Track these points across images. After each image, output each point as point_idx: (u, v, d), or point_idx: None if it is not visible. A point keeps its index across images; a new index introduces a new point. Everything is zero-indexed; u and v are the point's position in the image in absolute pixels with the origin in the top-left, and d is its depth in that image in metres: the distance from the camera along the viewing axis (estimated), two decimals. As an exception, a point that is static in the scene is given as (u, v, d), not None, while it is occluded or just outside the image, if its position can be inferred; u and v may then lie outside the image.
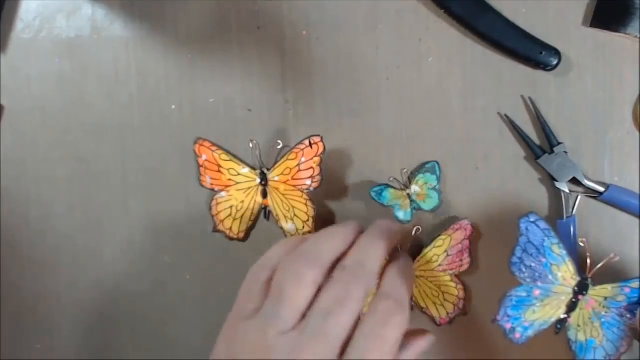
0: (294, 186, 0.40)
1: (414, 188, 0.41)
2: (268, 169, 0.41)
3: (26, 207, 0.43)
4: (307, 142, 0.39)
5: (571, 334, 0.36)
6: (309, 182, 0.40)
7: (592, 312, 0.36)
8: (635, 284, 0.34)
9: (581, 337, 0.36)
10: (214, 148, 0.41)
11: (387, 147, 0.42)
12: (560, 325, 0.37)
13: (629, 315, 0.34)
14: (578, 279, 0.36)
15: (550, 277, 0.36)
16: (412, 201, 0.41)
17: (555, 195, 0.41)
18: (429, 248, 0.41)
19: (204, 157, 0.41)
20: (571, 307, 0.36)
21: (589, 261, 0.36)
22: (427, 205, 0.41)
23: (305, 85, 0.42)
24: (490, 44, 0.41)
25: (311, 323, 0.29)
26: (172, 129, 0.43)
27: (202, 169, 0.41)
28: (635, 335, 0.34)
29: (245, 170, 0.41)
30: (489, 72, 0.42)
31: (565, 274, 0.36)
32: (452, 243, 0.40)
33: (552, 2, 0.41)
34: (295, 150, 0.40)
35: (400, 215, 0.41)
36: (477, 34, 0.41)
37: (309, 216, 0.41)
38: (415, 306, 0.41)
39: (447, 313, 0.41)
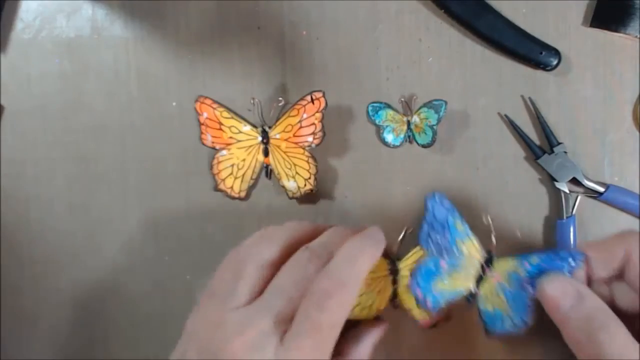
0: (296, 143, 0.41)
1: (415, 118, 0.41)
2: (269, 127, 0.41)
3: (26, 207, 0.43)
4: (308, 98, 0.40)
5: (481, 305, 0.38)
6: (310, 138, 0.40)
7: (497, 285, 0.37)
8: (534, 259, 0.35)
9: (489, 307, 0.37)
10: (215, 105, 0.41)
11: (387, 147, 0.42)
12: (472, 298, 0.38)
13: (530, 289, 0.35)
14: (485, 253, 0.37)
15: (455, 251, 0.37)
16: (409, 129, 0.41)
17: (555, 195, 0.41)
18: (417, 248, 0.40)
19: (205, 115, 0.41)
20: (479, 280, 0.37)
21: (493, 238, 0.37)
22: (421, 139, 0.41)
23: (305, 85, 0.42)
24: (490, 44, 0.41)
25: (262, 300, 0.30)
26: (172, 129, 0.43)
27: (203, 127, 0.41)
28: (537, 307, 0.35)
29: (247, 128, 0.41)
30: (489, 72, 0.42)
31: (471, 248, 0.37)
32: None
33: (552, 2, 0.41)
34: (297, 107, 0.40)
35: (389, 138, 0.41)
36: (477, 34, 0.41)
37: (310, 174, 0.41)
38: (400, 306, 0.41)
39: (431, 316, 0.40)
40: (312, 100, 0.39)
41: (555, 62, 0.40)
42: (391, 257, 0.41)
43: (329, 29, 0.42)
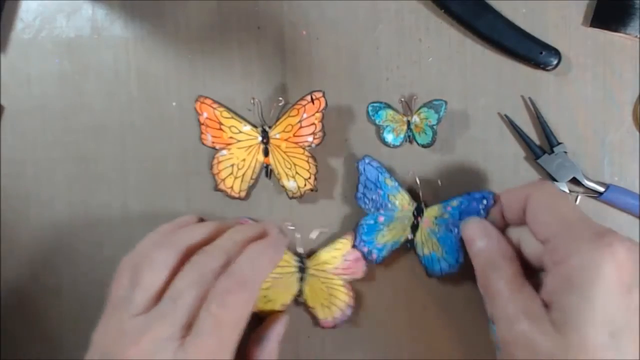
0: (296, 143, 0.41)
1: (415, 118, 0.41)
2: (269, 127, 0.41)
3: (26, 207, 0.43)
4: (308, 98, 0.39)
5: (419, 250, 0.41)
6: (310, 138, 0.40)
7: (428, 230, 0.40)
8: (454, 203, 0.39)
9: (426, 252, 0.40)
10: (215, 105, 0.41)
11: (387, 147, 0.42)
12: (410, 244, 0.41)
13: (455, 230, 0.39)
14: (415, 204, 0.40)
15: (389, 205, 0.40)
16: (409, 129, 0.41)
17: (555, 195, 0.41)
18: (327, 248, 0.41)
19: (205, 114, 0.41)
20: (414, 228, 0.41)
21: (420, 193, 0.41)
22: (421, 139, 0.41)
23: (305, 85, 0.42)
24: (490, 44, 0.41)
25: (160, 306, 0.30)
26: (172, 129, 0.43)
27: (203, 127, 0.41)
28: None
29: (247, 128, 0.41)
30: (489, 72, 0.42)
31: (402, 201, 0.41)
32: (351, 250, 0.41)
33: (552, 2, 0.41)
34: (296, 107, 0.40)
35: (389, 138, 0.42)
36: (477, 34, 0.41)
37: (310, 174, 0.41)
38: (304, 304, 0.41)
39: (333, 317, 0.41)
40: (312, 100, 0.39)
41: (555, 62, 0.40)
42: (300, 255, 0.41)
43: (329, 29, 0.42)
